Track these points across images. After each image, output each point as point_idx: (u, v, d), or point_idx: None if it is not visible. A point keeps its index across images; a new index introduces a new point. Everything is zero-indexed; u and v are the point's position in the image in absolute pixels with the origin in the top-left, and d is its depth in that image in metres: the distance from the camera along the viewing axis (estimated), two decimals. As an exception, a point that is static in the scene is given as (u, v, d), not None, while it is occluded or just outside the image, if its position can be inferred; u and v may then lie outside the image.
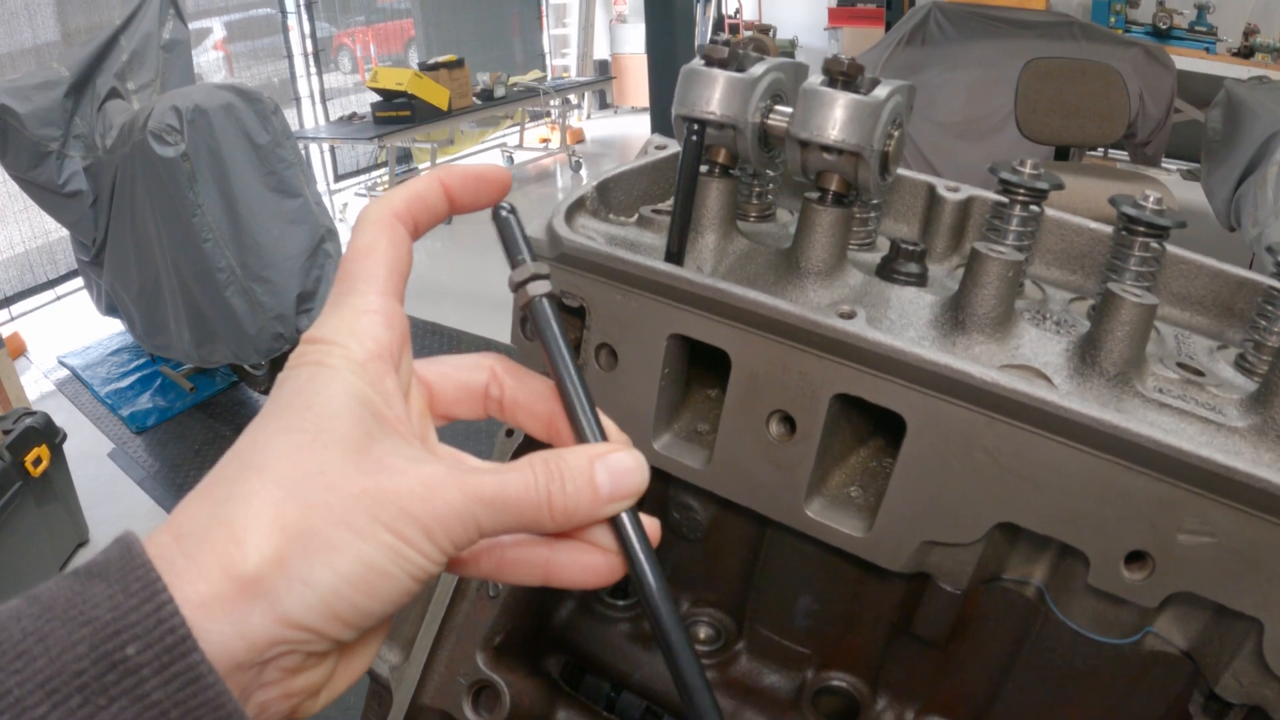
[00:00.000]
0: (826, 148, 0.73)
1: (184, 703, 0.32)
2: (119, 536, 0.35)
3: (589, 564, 0.43)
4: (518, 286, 0.44)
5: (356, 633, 0.37)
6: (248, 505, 0.35)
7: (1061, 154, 5.34)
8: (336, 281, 0.42)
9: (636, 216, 0.92)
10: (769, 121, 0.79)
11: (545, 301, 0.44)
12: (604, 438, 0.44)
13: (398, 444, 0.39)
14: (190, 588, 0.34)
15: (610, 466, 0.41)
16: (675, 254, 0.79)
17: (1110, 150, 6.39)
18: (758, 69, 0.79)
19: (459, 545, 0.38)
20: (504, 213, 0.45)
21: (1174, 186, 5.09)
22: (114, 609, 0.32)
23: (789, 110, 0.77)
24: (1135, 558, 0.64)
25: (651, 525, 0.44)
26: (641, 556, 0.42)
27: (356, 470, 0.37)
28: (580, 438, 0.44)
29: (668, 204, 0.94)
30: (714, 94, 0.78)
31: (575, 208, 0.87)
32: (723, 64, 0.79)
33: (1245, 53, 6.22)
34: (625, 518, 0.42)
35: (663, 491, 0.96)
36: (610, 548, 0.43)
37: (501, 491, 0.39)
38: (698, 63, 0.80)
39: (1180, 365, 0.74)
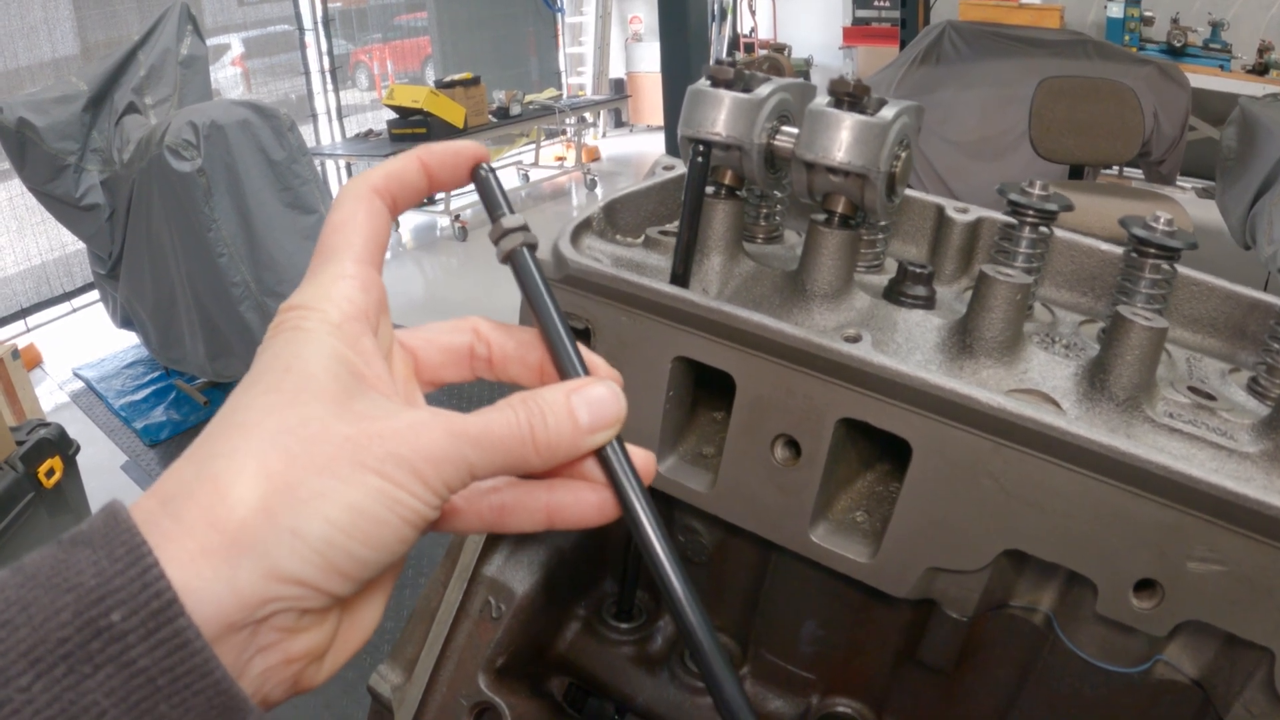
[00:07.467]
0: (832, 169, 0.73)
1: (171, 669, 0.32)
2: (105, 505, 0.34)
3: (589, 501, 0.43)
4: (499, 238, 0.45)
5: (354, 584, 0.37)
6: (231, 460, 0.35)
7: (1076, 173, 5.32)
8: (314, 254, 0.43)
9: (643, 238, 0.91)
10: (775, 143, 0.78)
11: (525, 251, 0.45)
12: (586, 373, 0.44)
13: (378, 400, 0.39)
14: (176, 545, 0.33)
15: (587, 398, 0.41)
16: (680, 276, 0.78)
17: (1125, 169, 6.36)
18: (764, 89, 0.78)
19: (451, 486, 0.38)
20: (483, 172, 0.46)
21: (1189, 205, 5.05)
22: (98, 574, 0.32)
23: (795, 131, 0.77)
24: (1144, 586, 0.63)
25: (644, 458, 0.44)
26: (628, 486, 0.42)
27: (338, 420, 0.37)
28: (563, 376, 0.44)
29: (675, 225, 0.94)
30: (720, 115, 0.78)
31: (581, 228, 0.87)
32: (729, 84, 0.79)
33: (1260, 70, 6.21)
34: (610, 451, 0.42)
35: (667, 514, 0.96)
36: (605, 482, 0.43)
37: (486, 429, 0.39)
38: (703, 83, 0.80)
39: (1191, 389, 0.73)
